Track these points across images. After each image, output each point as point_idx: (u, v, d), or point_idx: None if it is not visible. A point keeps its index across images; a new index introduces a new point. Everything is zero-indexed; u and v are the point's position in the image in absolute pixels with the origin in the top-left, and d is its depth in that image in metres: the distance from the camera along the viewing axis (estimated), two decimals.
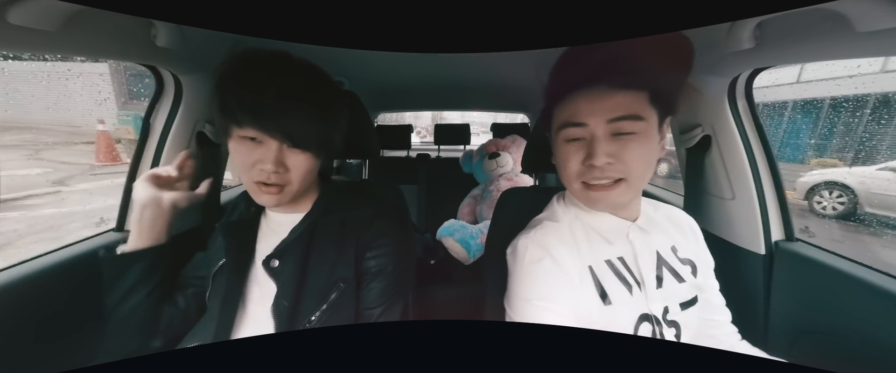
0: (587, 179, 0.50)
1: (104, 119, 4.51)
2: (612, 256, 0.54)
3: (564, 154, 0.52)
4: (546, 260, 0.53)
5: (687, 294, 0.55)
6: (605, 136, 0.48)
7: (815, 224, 3.29)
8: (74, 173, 4.35)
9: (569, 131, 0.51)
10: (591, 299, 0.51)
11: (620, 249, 0.54)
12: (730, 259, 0.82)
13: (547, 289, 0.52)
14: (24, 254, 0.71)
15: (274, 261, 0.59)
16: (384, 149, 2.37)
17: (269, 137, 0.52)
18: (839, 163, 3.90)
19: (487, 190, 1.67)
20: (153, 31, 0.70)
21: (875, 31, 0.50)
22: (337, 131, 0.59)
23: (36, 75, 4.73)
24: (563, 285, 0.52)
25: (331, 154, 0.60)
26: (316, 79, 0.57)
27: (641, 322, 0.51)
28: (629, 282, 0.53)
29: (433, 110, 4.19)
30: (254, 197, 0.57)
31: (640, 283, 0.53)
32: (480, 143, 1.89)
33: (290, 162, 0.54)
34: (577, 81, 0.49)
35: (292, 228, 0.61)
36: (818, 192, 3.48)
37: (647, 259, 0.54)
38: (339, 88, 0.60)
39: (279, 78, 0.51)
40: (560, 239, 0.55)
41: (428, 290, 1.25)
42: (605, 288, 0.52)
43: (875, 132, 3.64)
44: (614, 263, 0.53)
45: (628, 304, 0.52)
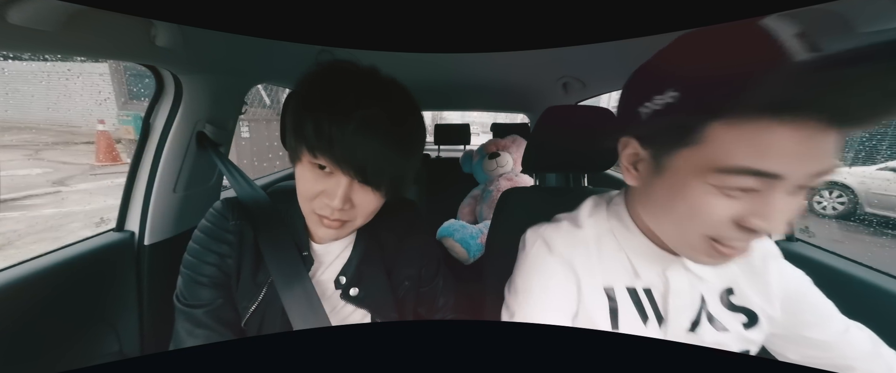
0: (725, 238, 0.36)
1: (104, 119, 4.52)
2: (637, 285, 0.45)
3: (705, 203, 0.35)
4: (548, 259, 0.47)
5: (730, 346, 0.45)
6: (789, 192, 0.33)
7: (815, 224, 3.29)
8: (74, 173, 4.35)
9: (740, 180, 0.32)
10: (597, 319, 0.45)
11: (649, 281, 0.45)
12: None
13: (541, 287, 0.47)
14: (24, 254, 0.71)
15: (353, 289, 0.58)
16: None
17: (340, 170, 0.46)
18: (839, 163, 3.89)
19: (487, 190, 1.67)
20: (153, 31, 0.70)
21: (875, 31, 0.50)
22: (413, 167, 0.53)
23: (36, 75, 4.73)
24: (558, 289, 0.46)
25: (401, 192, 0.53)
26: (403, 106, 0.49)
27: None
28: (647, 315, 0.45)
29: (433, 110, 4.20)
30: (312, 228, 0.54)
31: (663, 321, 0.45)
32: (480, 143, 1.89)
33: (358, 198, 0.49)
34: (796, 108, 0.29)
35: (352, 250, 0.59)
36: (818, 192, 3.47)
37: (683, 300, 0.45)
38: (421, 115, 0.53)
39: (365, 107, 0.44)
40: (574, 244, 0.47)
41: None
42: (620, 315, 0.45)
43: (875, 132, 3.64)
44: (638, 293, 0.45)
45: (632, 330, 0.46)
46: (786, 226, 0.33)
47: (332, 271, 0.59)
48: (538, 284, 0.48)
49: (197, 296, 0.54)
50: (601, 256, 0.46)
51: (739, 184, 0.33)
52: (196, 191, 0.96)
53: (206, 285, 0.54)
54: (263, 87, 4.36)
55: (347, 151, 0.44)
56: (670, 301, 0.44)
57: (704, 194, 0.34)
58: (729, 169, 0.32)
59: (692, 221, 0.36)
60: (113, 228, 0.88)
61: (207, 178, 1.00)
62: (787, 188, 0.32)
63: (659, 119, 0.36)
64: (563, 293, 0.46)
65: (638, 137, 0.41)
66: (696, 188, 0.35)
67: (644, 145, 0.40)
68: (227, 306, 0.55)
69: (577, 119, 0.74)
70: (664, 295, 0.44)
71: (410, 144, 0.50)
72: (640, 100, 0.38)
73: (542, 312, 0.47)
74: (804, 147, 0.30)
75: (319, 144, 0.45)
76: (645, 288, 0.45)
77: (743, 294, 0.45)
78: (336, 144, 0.44)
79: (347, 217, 0.50)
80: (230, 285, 0.55)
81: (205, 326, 0.54)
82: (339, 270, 0.59)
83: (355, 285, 0.58)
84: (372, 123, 0.44)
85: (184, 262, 0.55)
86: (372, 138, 0.44)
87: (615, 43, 0.54)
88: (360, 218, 0.51)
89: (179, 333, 0.54)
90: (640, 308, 0.45)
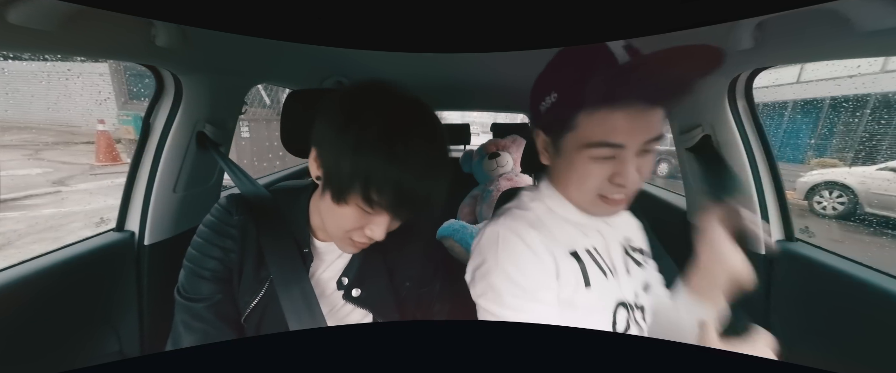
0: (607, 193, 0.49)
1: (104, 119, 4.52)
2: (588, 245, 0.54)
3: (586, 170, 0.49)
4: (520, 245, 0.50)
5: (646, 278, 0.59)
6: (635, 154, 0.46)
7: (815, 224, 3.29)
8: (74, 173, 4.35)
9: (599, 150, 0.46)
10: (575, 283, 0.51)
11: (593, 240, 0.55)
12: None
13: (527, 277, 0.50)
14: (24, 254, 0.71)
15: (355, 290, 0.58)
16: None
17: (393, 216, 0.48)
18: (839, 163, 3.90)
19: (487, 190, 1.67)
20: (153, 31, 0.70)
21: (875, 31, 0.50)
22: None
23: (36, 75, 4.73)
24: (538, 270, 0.50)
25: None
26: (443, 137, 0.49)
27: (617, 307, 0.53)
28: (604, 269, 0.54)
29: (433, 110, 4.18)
30: (337, 244, 0.55)
31: (613, 270, 0.55)
32: (480, 143, 1.89)
33: (389, 229, 0.50)
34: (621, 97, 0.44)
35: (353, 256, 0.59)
36: (818, 192, 3.48)
37: (616, 249, 0.57)
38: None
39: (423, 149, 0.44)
40: (531, 224, 0.53)
41: None
42: (588, 272, 0.52)
43: (875, 132, 3.65)
44: (592, 251, 0.54)
45: (606, 289, 0.53)
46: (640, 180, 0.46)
47: (333, 270, 0.59)
48: (517, 273, 0.50)
49: (198, 290, 0.54)
50: (553, 229, 0.53)
51: (601, 154, 0.46)
52: (196, 191, 0.96)
53: (207, 279, 0.54)
54: (263, 88, 4.36)
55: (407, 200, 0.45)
56: (612, 252, 0.55)
57: (585, 163, 0.48)
58: (592, 143, 0.46)
59: (584, 184, 0.50)
60: (113, 228, 0.88)
61: (207, 178, 1.00)
62: (633, 153, 0.45)
63: (549, 114, 0.50)
64: (543, 274, 0.50)
65: (541, 128, 0.54)
66: (580, 160, 0.48)
67: (546, 134, 0.54)
68: (226, 301, 0.55)
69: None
70: (607, 249, 0.55)
71: (448, 172, 0.50)
72: (537, 101, 0.52)
73: (531, 300, 0.49)
74: (634, 124, 0.44)
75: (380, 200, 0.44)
76: (593, 246, 0.54)
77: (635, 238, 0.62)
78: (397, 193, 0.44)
79: (370, 243, 0.52)
80: (231, 281, 0.55)
81: (203, 320, 0.53)
82: (342, 270, 0.59)
83: (357, 285, 0.58)
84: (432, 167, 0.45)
85: (187, 255, 0.56)
86: (434, 180, 0.46)
87: (615, 43, 0.55)
88: (379, 239, 0.51)
89: (177, 326, 0.54)
90: (598, 265, 0.53)
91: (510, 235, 0.51)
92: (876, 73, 3.45)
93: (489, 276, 0.51)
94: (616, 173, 0.47)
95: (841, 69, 3.36)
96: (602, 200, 0.50)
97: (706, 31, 0.67)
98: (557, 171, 0.54)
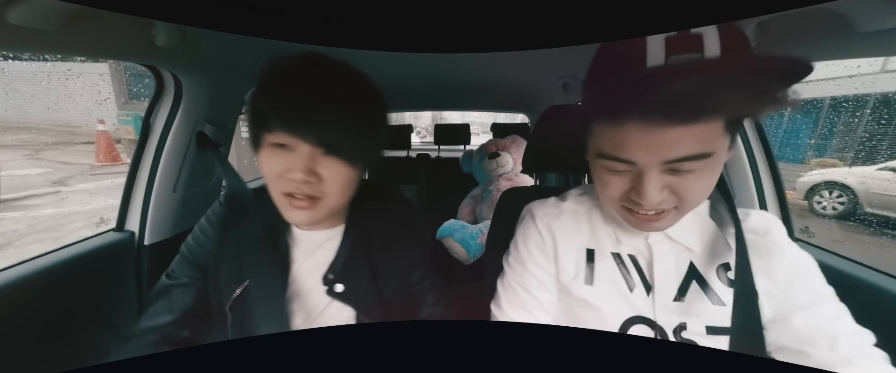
0: (630, 205, 0.43)
1: (104, 119, 4.52)
2: (621, 251, 0.50)
3: (603, 179, 0.44)
4: (530, 225, 0.56)
5: (722, 320, 0.46)
6: (658, 172, 0.39)
7: (815, 224, 3.29)
8: (74, 173, 4.35)
9: (610, 164, 0.42)
10: (574, 275, 0.51)
11: (634, 248, 0.50)
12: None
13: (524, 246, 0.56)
14: (24, 254, 0.71)
15: (338, 285, 0.57)
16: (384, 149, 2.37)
17: (300, 141, 0.47)
18: (839, 163, 3.89)
19: (487, 190, 1.67)
20: (153, 31, 0.70)
21: (875, 31, 0.50)
22: (376, 138, 0.55)
23: (36, 75, 4.73)
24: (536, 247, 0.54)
25: (368, 163, 0.54)
26: (354, 80, 0.53)
27: (637, 324, 0.48)
28: (633, 281, 0.49)
29: (433, 110, 4.19)
30: (283, 214, 0.52)
31: (650, 288, 0.48)
32: (480, 143, 1.89)
33: (325, 171, 0.49)
34: (628, 112, 0.37)
35: (340, 246, 0.59)
36: (818, 192, 3.47)
37: (668, 268, 0.48)
38: (378, 91, 0.55)
39: (313, 79, 0.49)
40: (556, 214, 0.55)
41: None
42: (596, 272, 0.50)
43: (875, 132, 3.64)
44: (622, 257, 0.50)
45: (619, 296, 0.49)
46: (675, 200, 0.41)
47: (315, 262, 0.59)
48: (522, 244, 0.57)
49: (181, 270, 0.60)
50: (590, 225, 0.53)
51: (612, 166, 0.42)
52: (196, 191, 0.96)
53: (186, 261, 0.60)
54: None
55: (302, 119, 0.46)
56: (655, 268, 0.48)
57: (602, 172, 0.44)
58: (603, 155, 0.42)
59: (604, 192, 0.46)
60: (113, 228, 0.88)
61: (207, 178, 1.00)
62: (653, 170, 0.39)
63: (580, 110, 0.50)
64: (540, 252, 0.55)
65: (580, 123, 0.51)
66: (598, 167, 0.45)
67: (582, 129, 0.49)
68: (191, 289, 0.59)
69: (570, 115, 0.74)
70: (650, 262, 0.49)
71: (367, 112, 0.52)
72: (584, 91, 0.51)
73: (523, 267, 0.55)
74: (646, 139, 0.37)
75: (274, 118, 0.47)
76: (629, 254, 0.50)
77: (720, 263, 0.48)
78: (290, 114, 0.46)
79: (316, 192, 0.50)
80: (206, 270, 0.59)
81: (164, 295, 0.58)
82: (327, 264, 0.59)
83: (341, 281, 0.58)
84: (323, 90, 0.48)
85: (184, 242, 0.62)
86: (325, 105, 0.47)
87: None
88: (333, 195, 0.51)
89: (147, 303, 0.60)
90: (624, 273, 0.50)
91: (527, 214, 0.59)
92: (876, 74, 3.44)
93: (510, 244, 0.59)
94: (632, 189, 0.41)
95: (841, 69, 3.35)
96: (628, 212, 0.44)
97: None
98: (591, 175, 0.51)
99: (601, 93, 0.42)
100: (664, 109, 0.35)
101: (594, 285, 0.50)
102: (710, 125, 0.36)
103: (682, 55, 0.36)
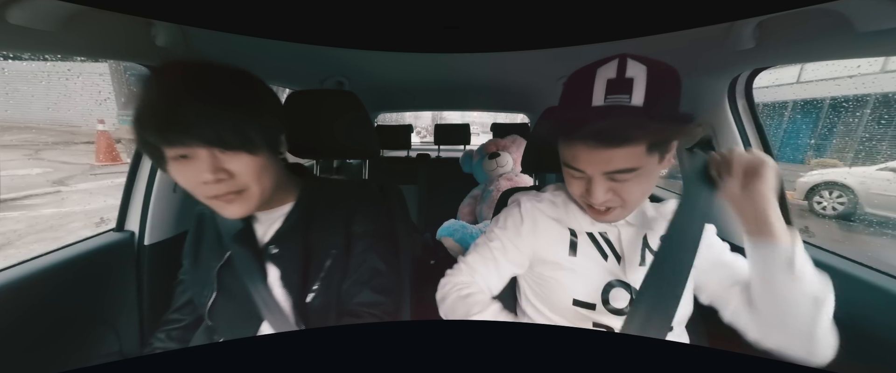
0: (587, 201, 0.56)
1: (104, 119, 4.53)
2: (594, 230, 0.63)
3: (568, 179, 0.58)
4: (514, 209, 0.67)
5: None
6: (603, 179, 0.51)
7: (815, 224, 3.29)
8: (74, 173, 4.35)
9: (569, 170, 0.55)
10: (560, 250, 0.62)
11: (605, 228, 0.63)
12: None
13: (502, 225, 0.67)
14: (24, 254, 0.71)
15: (272, 248, 0.61)
16: (384, 149, 2.37)
17: (196, 147, 0.48)
18: (839, 163, 3.90)
19: (487, 190, 1.67)
20: (153, 31, 0.70)
21: (875, 31, 0.50)
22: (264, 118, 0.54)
23: (36, 75, 4.74)
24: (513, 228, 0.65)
25: (272, 145, 0.55)
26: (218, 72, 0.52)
27: (615, 287, 0.60)
28: (606, 251, 0.61)
29: (433, 110, 4.20)
30: (219, 213, 0.55)
31: (621, 257, 0.61)
32: (480, 143, 1.89)
33: (233, 166, 0.51)
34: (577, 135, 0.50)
35: (286, 216, 0.62)
36: (818, 192, 3.47)
37: (631, 242, 0.62)
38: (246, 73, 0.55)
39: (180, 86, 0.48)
40: (538, 201, 0.67)
41: (428, 290, 1.26)
42: (579, 245, 0.62)
43: (875, 132, 3.64)
44: (595, 235, 0.62)
45: (598, 265, 0.61)
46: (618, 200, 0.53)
47: (268, 236, 0.63)
48: (502, 220, 0.68)
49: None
50: (567, 211, 0.65)
51: (571, 173, 0.55)
52: None
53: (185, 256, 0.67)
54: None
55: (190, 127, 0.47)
56: (624, 241, 0.62)
57: (567, 176, 0.57)
58: (565, 164, 0.55)
59: (570, 189, 0.58)
60: (113, 228, 0.88)
61: None
62: (599, 178, 0.51)
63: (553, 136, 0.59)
64: (514, 230, 0.66)
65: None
66: (565, 172, 0.57)
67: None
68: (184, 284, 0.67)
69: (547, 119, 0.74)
70: (618, 238, 0.62)
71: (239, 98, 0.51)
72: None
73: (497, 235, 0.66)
74: (590, 155, 0.50)
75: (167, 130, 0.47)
76: (601, 232, 0.63)
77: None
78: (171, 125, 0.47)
79: (235, 187, 0.52)
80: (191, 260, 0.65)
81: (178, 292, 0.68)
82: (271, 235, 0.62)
83: (276, 244, 0.61)
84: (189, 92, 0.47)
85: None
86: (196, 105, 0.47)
87: (615, 43, 0.55)
88: (253, 184, 0.53)
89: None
90: (598, 247, 0.62)
91: (514, 201, 0.70)
92: (876, 74, 3.45)
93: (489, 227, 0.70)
94: (586, 191, 0.54)
95: (841, 69, 3.36)
96: (590, 208, 0.58)
97: (705, 31, 0.68)
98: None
99: (563, 119, 0.54)
100: (599, 135, 0.47)
101: (577, 255, 0.62)
102: (634, 148, 0.48)
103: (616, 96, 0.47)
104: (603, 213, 0.57)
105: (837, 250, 0.74)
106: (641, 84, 0.47)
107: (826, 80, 4.02)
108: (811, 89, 4.22)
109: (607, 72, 0.49)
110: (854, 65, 3.05)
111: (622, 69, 0.48)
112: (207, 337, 0.64)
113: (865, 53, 0.59)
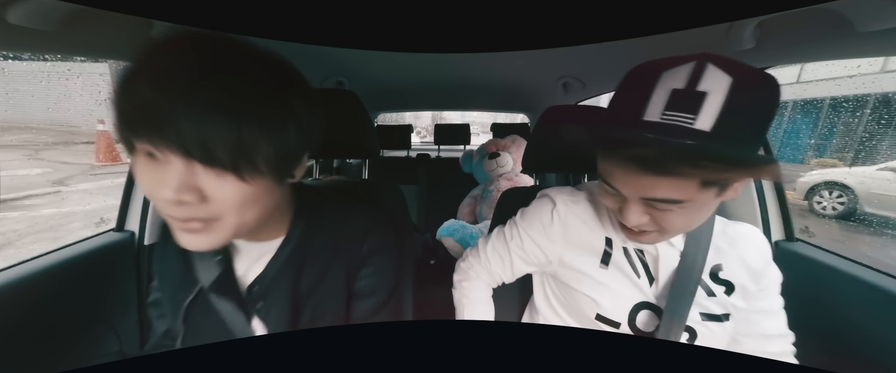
0: (618, 218, 0.49)
1: (104, 119, 4.53)
2: (629, 245, 0.56)
3: (601, 192, 0.49)
4: (546, 206, 0.60)
5: (713, 308, 0.53)
6: (639, 203, 0.43)
7: (815, 224, 3.29)
8: (74, 173, 4.35)
9: (604, 185, 0.46)
10: (591, 259, 0.57)
11: (642, 245, 0.55)
12: None
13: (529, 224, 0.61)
14: (24, 254, 0.71)
15: (256, 292, 0.50)
16: (384, 149, 2.37)
17: (167, 150, 0.34)
18: (839, 163, 3.90)
19: (487, 190, 1.67)
20: (153, 31, 0.70)
21: (875, 31, 0.50)
22: (288, 139, 0.38)
23: (36, 75, 4.74)
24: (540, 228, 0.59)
25: (281, 170, 0.40)
26: (241, 55, 0.37)
27: (643, 310, 0.55)
28: (639, 272, 0.55)
29: (433, 110, 4.19)
30: (178, 241, 0.39)
31: (653, 279, 0.55)
32: (480, 143, 1.89)
33: (209, 186, 0.35)
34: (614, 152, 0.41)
35: (270, 261, 0.49)
36: (818, 192, 3.48)
37: (669, 264, 0.54)
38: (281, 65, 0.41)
39: (187, 65, 0.34)
40: (574, 202, 0.59)
41: (428, 290, 1.26)
42: (613, 257, 0.56)
43: (875, 132, 3.65)
44: (629, 251, 0.56)
45: (630, 282, 0.55)
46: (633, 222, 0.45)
47: (251, 276, 0.51)
48: (530, 216, 0.61)
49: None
50: (608, 216, 0.57)
51: (605, 187, 0.46)
52: None
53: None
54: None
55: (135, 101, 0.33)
56: (660, 264, 0.54)
57: (601, 191, 0.49)
58: (600, 176, 0.47)
59: (604, 202, 0.51)
60: (113, 228, 0.88)
61: None
62: (632, 200, 0.44)
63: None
64: (541, 231, 0.59)
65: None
66: (598, 185, 0.49)
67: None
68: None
69: (578, 119, 0.74)
70: (655, 258, 0.54)
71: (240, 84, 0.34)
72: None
73: (520, 230, 0.61)
74: (627, 177, 0.42)
75: (137, 117, 0.33)
76: (637, 249, 0.56)
77: (730, 270, 0.54)
78: (156, 112, 0.32)
79: (204, 214, 0.36)
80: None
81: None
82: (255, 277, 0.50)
83: (261, 298, 0.50)
84: (197, 75, 0.33)
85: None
86: (162, 74, 0.33)
87: (615, 43, 0.55)
88: (229, 215, 0.37)
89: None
90: (631, 264, 0.55)
91: (546, 197, 0.62)
92: (876, 73, 3.45)
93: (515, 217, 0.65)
94: (620, 210, 0.46)
95: (841, 69, 3.36)
96: (621, 226, 0.50)
97: (706, 31, 0.68)
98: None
99: (603, 125, 0.43)
100: (639, 160, 0.38)
101: (609, 268, 0.56)
102: (684, 180, 0.38)
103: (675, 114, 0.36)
104: (636, 233, 0.49)
105: (837, 250, 0.74)
106: (716, 103, 0.35)
107: (826, 80, 4.02)
108: (811, 89, 4.22)
109: (675, 78, 0.37)
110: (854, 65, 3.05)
111: (696, 78, 0.36)
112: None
113: (865, 53, 0.59)
